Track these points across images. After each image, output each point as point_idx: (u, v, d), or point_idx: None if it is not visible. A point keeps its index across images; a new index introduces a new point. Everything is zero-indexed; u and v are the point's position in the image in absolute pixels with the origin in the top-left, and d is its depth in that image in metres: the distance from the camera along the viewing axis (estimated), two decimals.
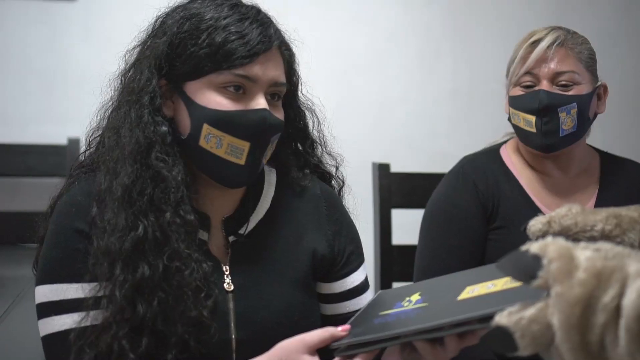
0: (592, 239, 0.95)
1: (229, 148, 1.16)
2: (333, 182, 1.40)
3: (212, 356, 1.15)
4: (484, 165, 1.63)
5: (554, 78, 1.54)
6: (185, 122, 1.19)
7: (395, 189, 2.03)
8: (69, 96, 2.68)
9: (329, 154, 1.39)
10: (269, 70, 1.18)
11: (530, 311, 0.75)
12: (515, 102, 1.58)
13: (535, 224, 1.00)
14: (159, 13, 1.25)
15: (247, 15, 1.19)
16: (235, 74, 1.15)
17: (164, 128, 1.17)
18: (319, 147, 1.37)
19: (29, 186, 2.63)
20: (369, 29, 2.85)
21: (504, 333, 0.76)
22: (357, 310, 1.27)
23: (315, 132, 1.36)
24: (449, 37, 2.91)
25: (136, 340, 1.11)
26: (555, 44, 1.54)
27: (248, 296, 1.21)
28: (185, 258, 1.13)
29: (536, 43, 1.56)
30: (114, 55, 1.32)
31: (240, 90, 1.17)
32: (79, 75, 2.66)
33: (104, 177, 1.17)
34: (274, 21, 1.25)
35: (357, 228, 1.38)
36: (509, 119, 1.62)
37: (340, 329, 1.07)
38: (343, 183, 1.41)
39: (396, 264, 1.95)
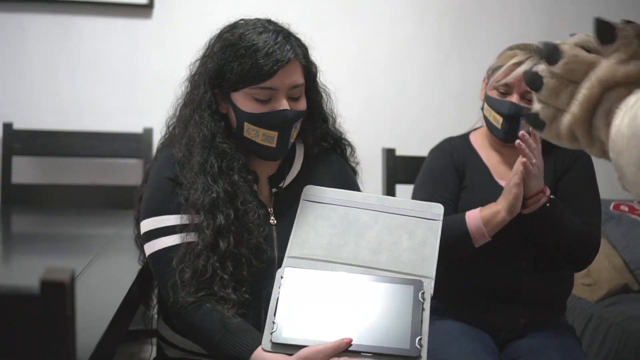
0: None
1: (263, 137, 1.52)
2: (343, 147, 1.73)
3: (264, 270, 1.50)
4: (456, 142, 2.05)
5: (524, 95, 1.85)
6: (233, 119, 1.55)
7: (400, 169, 2.43)
8: (145, 94, 2.95)
9: (336, 128, 1.72)
10: (287, 79, 1.49)
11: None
12: (490, 102, 1.90)
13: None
14: (212, 35, 1.57)
15: (267, 41, 1.48)
16: (261, 87, 1.48)
17: (222, 123, 1.54)
18: (331, 119, 1.69)
19: (113, 165, 2.98)
20: (389, 39, 3.12)
21: (536, 118, 1.00)
22: None
23: (328, 110, 1.68)
24: (458, 46, 3.12)
25: (224, 264, 1.45)
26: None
27: (285, 228, 1.56)
28: (250, 204, 1.51)
29: (517, 65, 1.84)
30: (182, 62, 1.65)
31: (267, 97, 1.49)
32: (153, 77, 2.93)
33: (180, 151, 1.53)
34: (292, 36, 1.53)
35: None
36: (482, 108, 1.95)
37: (346, 340, 1.34)
38: (350, 148, 1.75)
39: None
